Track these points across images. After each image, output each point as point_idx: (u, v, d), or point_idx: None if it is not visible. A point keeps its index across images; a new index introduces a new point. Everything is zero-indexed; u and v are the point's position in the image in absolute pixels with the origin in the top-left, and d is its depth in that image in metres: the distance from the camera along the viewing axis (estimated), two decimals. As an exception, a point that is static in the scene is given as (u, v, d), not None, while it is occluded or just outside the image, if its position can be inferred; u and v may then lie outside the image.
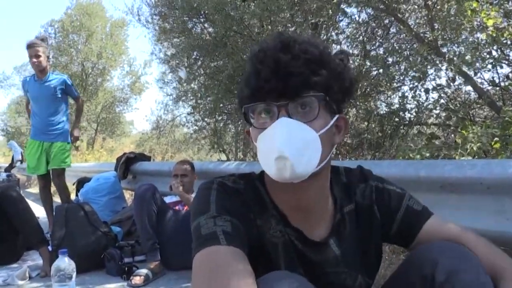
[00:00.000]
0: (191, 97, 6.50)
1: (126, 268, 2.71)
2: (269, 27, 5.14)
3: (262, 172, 0.95)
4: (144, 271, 2.61)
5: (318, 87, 0.83)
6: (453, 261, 0.80)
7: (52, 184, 4.15)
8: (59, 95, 3.97)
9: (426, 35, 4.20)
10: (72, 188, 5.26)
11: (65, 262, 1.80)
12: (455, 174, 1.77)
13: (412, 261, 0.88)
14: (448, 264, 0.80)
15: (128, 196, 5.75)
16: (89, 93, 15.98)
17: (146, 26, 6.50)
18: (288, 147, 0.78)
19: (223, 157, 6.98)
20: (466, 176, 1.74)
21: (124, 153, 5.24)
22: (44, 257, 2.81)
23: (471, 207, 1.76)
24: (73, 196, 5.05)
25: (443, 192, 1.84)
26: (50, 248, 2.87)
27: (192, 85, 6.43)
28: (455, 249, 0.84)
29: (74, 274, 1.81)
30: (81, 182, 5.11)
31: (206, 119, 6.62)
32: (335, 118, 0.87)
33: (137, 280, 2.54)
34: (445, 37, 3.68)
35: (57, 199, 4.55)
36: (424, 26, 4.56)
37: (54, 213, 3.08)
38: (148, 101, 59.17)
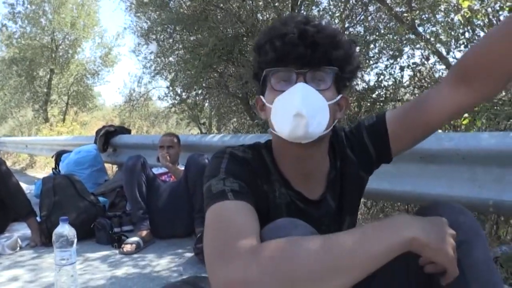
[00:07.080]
0: (170, 71, 6.47)
1: (116, 237, 2.79)
2: (250, 1, 5.16)
3: (268, 143, 1.06)
4: (135, 239, 2.70)
5: (335, 63, 0.94)
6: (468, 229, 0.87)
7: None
8: None
9: (404, 15, 4.33)
10: (50, 160, 5.22)
11: (66, 229, 1.85)
12: (435, 146, 1.93)
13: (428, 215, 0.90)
14: (464, 232, 0.86)
15: (108, 168, 5.75)
16: (60, 65, 15.44)
17: (123, 0, 6.41)
18: (305, 107, 0.88)
19: (198, 131, 7.03)
20: (444, 148, 1.91)
21: (104, 126, 5.22)
22: (33, 228, 2.85)
23: (447, 176, 1.94)
24: (49, 171, 5.00)
25: (422, 162, 2.01)
26: (38, 219, 2.91)
27: (171, 58, 6.39)
28: (468, 214, 0.91)
29: (75, 240, 1.88)
30: (59, 155, 5.08)
31: (184, 93, 6.62)
32: (339, 96, 0.98)
33: (128, 247, 2.62)
34: (423, 17, 3.82)
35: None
36: (401, 5, 4.68)
37: (41, 184, 3.09)
38: (121, 73, 57.58)
